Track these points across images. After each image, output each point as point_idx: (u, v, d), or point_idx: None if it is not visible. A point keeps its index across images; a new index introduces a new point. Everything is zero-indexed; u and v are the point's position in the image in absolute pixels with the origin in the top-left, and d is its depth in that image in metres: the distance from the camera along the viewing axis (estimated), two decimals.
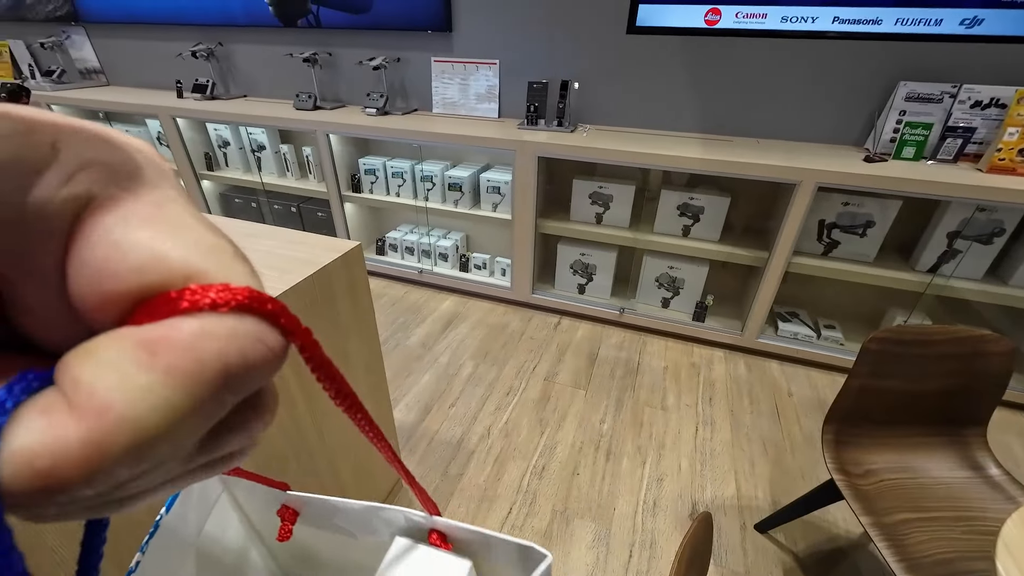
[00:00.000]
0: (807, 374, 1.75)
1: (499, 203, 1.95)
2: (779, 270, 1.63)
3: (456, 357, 1.80)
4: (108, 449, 0.07)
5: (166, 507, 0.33)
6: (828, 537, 1.20)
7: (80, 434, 0.07)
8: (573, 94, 1.86)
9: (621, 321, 1.97)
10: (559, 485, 1.32)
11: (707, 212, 1.72)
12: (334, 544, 0.34)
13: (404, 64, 2.10)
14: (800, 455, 1.43)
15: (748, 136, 1.77)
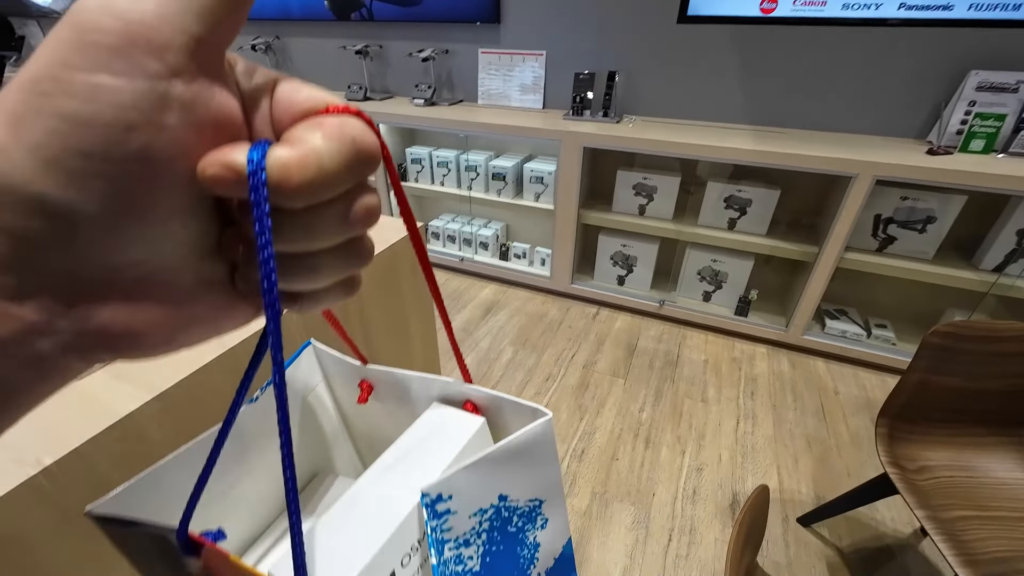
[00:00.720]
0: (855, 374, 1.71)
1: (542, 193, 1.98)
2: (829, 266, 1.59)
3: (496, 343, 1.84)
4: (313, 163, 0.13)
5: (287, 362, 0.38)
6: (875, 535, 1.18)
7: (302, 153, 0.13)
8: (620, 85, 1.86)
9: (660, 313, 1.97)
10: (598, 468, 1.34)
11: (755, 205, 1.69)
12: (397, 418, 0.39)
13: (452, 56, 2.15)
14: (847, 454, 1.40)
15: (801, 128, 1.73)
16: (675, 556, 1.13)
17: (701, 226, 1.80)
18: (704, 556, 1.13)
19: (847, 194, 1.45)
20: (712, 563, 1.12)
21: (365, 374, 0.39)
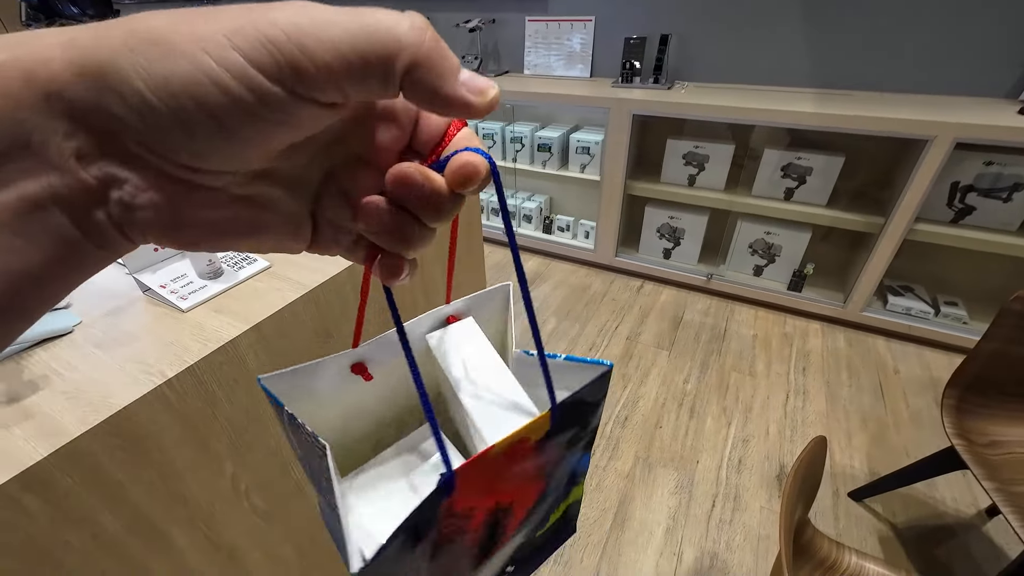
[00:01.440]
0: (919, 353, 1.62)
1: (587, 164, 1.95)
2: (896, 238, 1.50)
3: (539, 313, 1.87)
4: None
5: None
6: (934, 513, 1.14)
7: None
8: (672, 49, 1.80)
9: (708, 287, 1.93)
10: (641, 434, 1.36)
11: (815, 173, 1.60)
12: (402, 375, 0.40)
13: (499, 25, 2.13)
14: (906, 433, 1.34)
15: (871, 90, 1.61)
16: (719, 520, 1.14)
17: (755, 197, 1.73)
18: (749, 522, 1.13)
19: (921, 159, 1.36)
20: (757, 529, 1.12)
21: (354, 358, 0.36)
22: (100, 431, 0.44)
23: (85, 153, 0.12)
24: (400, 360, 0.35)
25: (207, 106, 0.12)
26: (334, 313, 0.66)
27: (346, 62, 0.12)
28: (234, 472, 0.58)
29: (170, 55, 0.11)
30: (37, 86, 0.11)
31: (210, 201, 0.14)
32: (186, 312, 0.58)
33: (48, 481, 0.41)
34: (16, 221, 0.12)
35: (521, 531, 0.39)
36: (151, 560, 0.51)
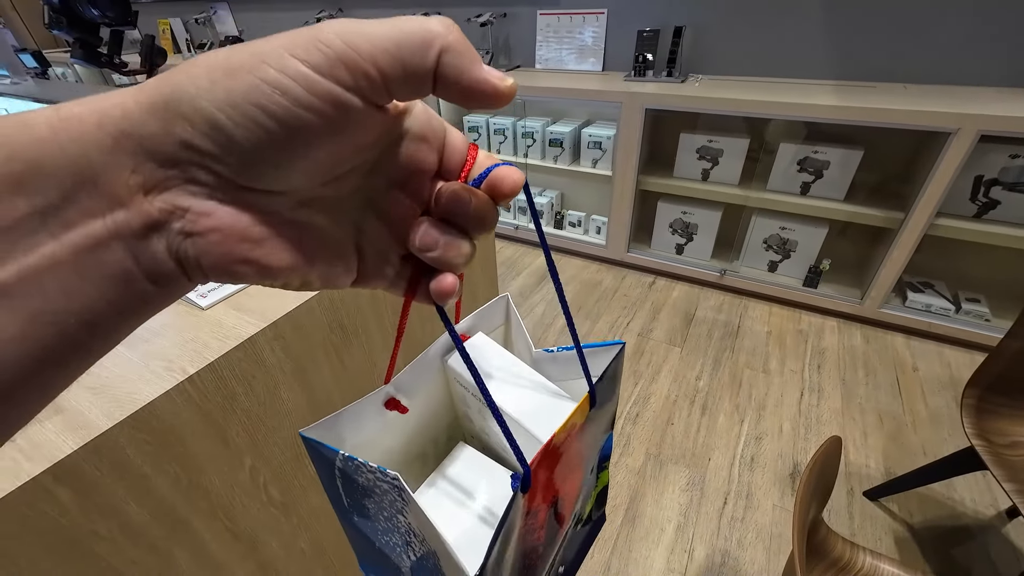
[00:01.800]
0: (939, 350, 1.58)
1: (599, 159, 1.94)
2: (916, 234, 1.47)
3: (551, 309, 1.87)
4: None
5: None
6: (951, 514, 1.12)
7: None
8: (686, 42, 1.77)
9: (721, 283, 1.91)
10: (653, 431, 1.36)
11: (833, 167, 1.57)
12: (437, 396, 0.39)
13: (510, 19, 2.12)
14: (924, 432, 1.32)
15: (892, 81, 1.57)
16: (730, 518, 1.14)
17: (770, 191, 1.70)
18: (761, 520, 1.13)
19: (943, 152, 1.32)
20: (770, 527, 1.11)
21: (386, 394, 0.35)
22: (126, 425, 0.45)
23: (151, 186, 0.13)
24: (427, 388, 0.36)
25: (268, 110, 0.12)
26: (348, 308, 0.67)
27: (390, 54, 0.13)
28: (252, 465, 0.60)
29: (233, 73, 0.12)
30: (109, 127, 0.12)
31: (264, 222, 0.15)
32: (206, 310, 0.59)
33: (78, 473, 0.43)
34: (77, 261, 0.12)
35: (569, 526, 0.40)
36: (175, 549, 0.53)
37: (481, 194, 0.18)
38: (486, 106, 0.15)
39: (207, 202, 0.14)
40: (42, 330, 0.12)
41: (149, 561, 0.51)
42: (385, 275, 0.19)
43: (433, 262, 0.18)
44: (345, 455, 0.27)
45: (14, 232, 0.11)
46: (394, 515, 0.30)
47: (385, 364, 0.77)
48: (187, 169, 0.13)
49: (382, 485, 0.28)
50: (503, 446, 0.37)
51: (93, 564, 0.46)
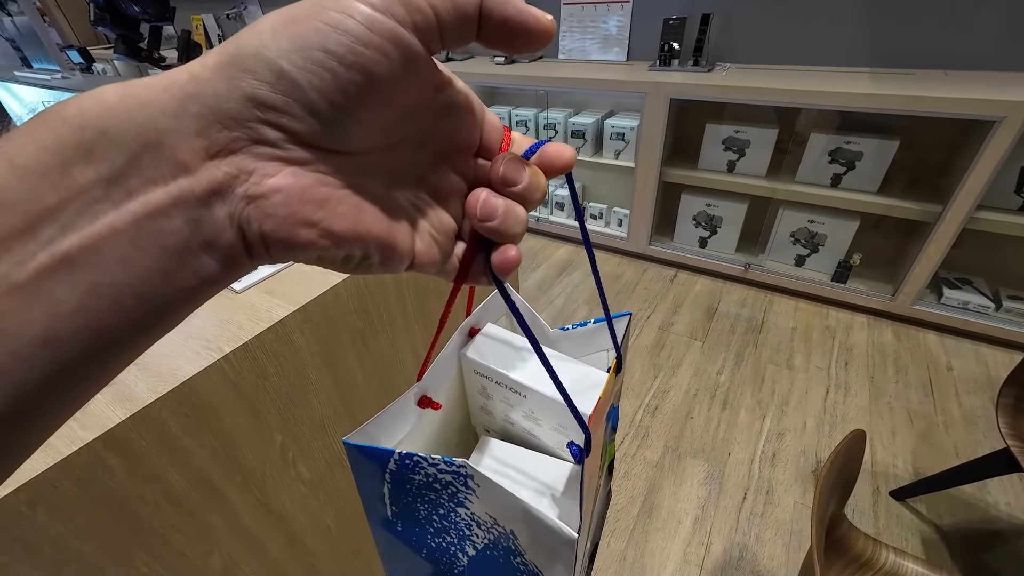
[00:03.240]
0: (976, 349, 1.52)
1: (622, 150, 1.92)
2: (954, 227, 1.41)
3: (570, 301, 1.87)
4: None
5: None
6: (984, 517, 1.09)
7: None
8: (714, 29, 1.73)
9: (745, 278, 1.87)
10: (672, 425, 1.35)
11: (866, 158, 1.52)
12: (451, 390, 0.40)
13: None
14: (956, 432, 1.28)
15: (933, 67, 1.50)
16: (749, 513, 1.13)
17: (799, 183, 1.65)
18: (781, 517, 1.12)
19: (987, 142, 1.26)
20: (790, 524, 1.10)
21: (419, 392, 0.36)
22: (169, 399, 0.48)
23: (217, 150, 0.13)
24: (447, 383, 0.37)
25: (331, 51, 0.13)
26: (373, 294, 0.69)
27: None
28: (282, 442, 0.63)
29: (296, 21, 0.13)
30: (176, 91, 0.12)
31: (326, 183, 0.15)
32: (240, 293, 0.62)
33: (126, 441, 0.46)
34: (136, 230, 0.12)
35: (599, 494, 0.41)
36: (211, 517, 0.56)
37: (534, 166, 0.19)
38: (525, 42, 0.15)
39: (271, 163, 0.14)
40: (99, 303, 0.12)
41: (188, 526, 0.54)
42: (437, 257, 0.19)
43: (492, 232, 0.18)
44: (402, 452, 0.28)
45: (80, 200, 0.11)
46: (453, 510, 0.30)
47: (407, 350, 0.79)
48: (252, 128, 0.13)
49: (444, 477, 0.28)
50: (529, 431, 0.38)
51: (137, 525, 0.49)
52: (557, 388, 0.25)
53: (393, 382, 0.78)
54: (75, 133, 0.12)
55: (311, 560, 0.75)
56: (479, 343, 0.37)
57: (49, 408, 0.12)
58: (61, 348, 0.11)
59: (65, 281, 0.11)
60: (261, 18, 0.13)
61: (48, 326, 0.11)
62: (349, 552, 0.82)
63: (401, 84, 0.14)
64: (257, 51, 0.13)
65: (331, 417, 0.69)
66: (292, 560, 0.71)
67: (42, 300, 0.11)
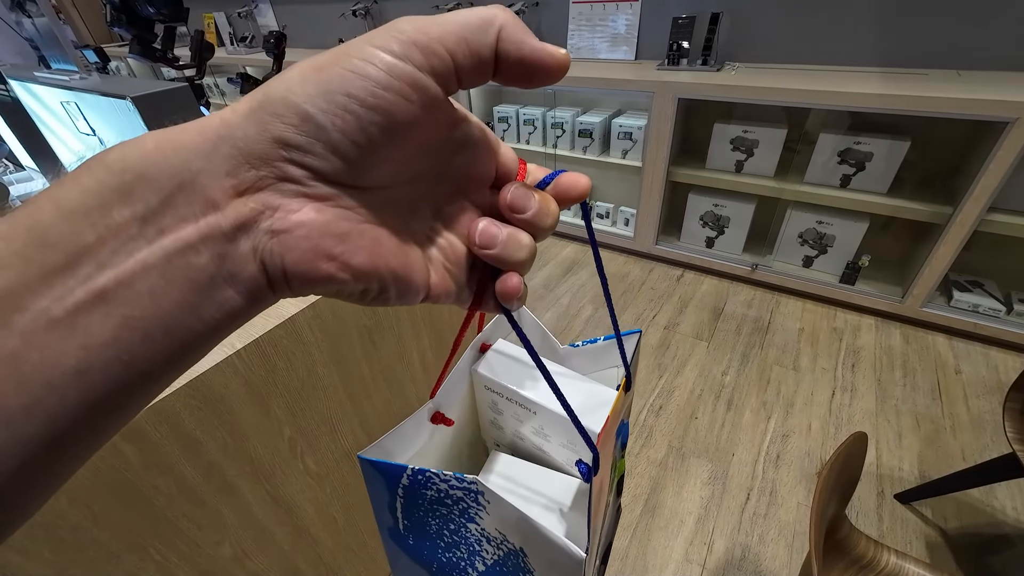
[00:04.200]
0: (985, 353, 1.51)
1: (629, 150, 1.92)
2: (965, 229, 1.39)
3: (576, 300, 1.88)
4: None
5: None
6: (990, 522, 1.08)
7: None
8: (723, 28, 1.72)
9: (752, 278, 1.87)
10: (676, 424, 1.35)
11: (876, 159, 1.51)
12: (469, 405, 0.41)
13: (542, 8, 2.11)
14: (964, 436, 1.27)
15: (946, 67, 1.49)
16: (752, 514, 1.13)
17: (807, 184, 1.64)
18: (785, 518, 1.12)
19: (999, 143, 1.25)
20: (793, 525, 1.10)
21: (432, 408, 0.37)
22: (183, 393, 0.50)
23: (244, 188, 0.14)
24: (459, 399, 0.38)
25: (354, 95, 0.14)
26: None
27: (455, 35, 0.15)
28: (291, 436, 0.64)
29: (322, 69, 0.14)
30: (209, 135, 0.13)
31: (347, 218, 0.15)
32: None
33: (141, 433, 0.48)
34: (166, 265, 0.13)
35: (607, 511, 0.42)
36: (222, 507, 0.58)
37: (545, 193, 0.19)
38: (543, 78, 0.16)
39: (295, 199, 0.14)
40: (130, 336, 0.12)
41: (199, 516, 0.56)
42: (451, 288, 0.19)
43: (494, 260, 0.19)
44: (415, 468, 0.28)
45: (117, 239, 0.12)
46: (463, 525, 0.31)
47: (413, 348, 0.81)
48: (278, 166, 0.14)
49: (455, 493, 0.29)
50: (538, 447, 0.38)
51: (151, 514, 0.51)
52: (565, 410, 0.26)
53: (399, 379, 0.80)
54: (116, 177, 0.12)
55: (318, 551, 0.76)
56: (490, 359, 0.38)
57: (80, 438, 0.13)
58: (93, 379, 0.12)
59: (99, 315, 0.12)
60: (291, 66, 0.14)
61: (82, 358, 0.12)
62: (355, 544, 0.84)
63: (420, 124, 0.15)
64: (284, 96, 0.14)
65: (338, 413, 0.70)
66: (299, 551, 0.73)
67: (77, 333, 0.12)
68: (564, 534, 0.27)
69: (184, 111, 0.66)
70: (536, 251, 0.19)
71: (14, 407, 0.11)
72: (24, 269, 0.11)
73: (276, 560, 0.69)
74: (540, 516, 0.28)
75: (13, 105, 0.79)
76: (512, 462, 0.38)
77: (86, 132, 0.78)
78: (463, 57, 0.15)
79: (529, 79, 0.16)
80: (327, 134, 0.14)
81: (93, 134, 0.77)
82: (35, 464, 0.12)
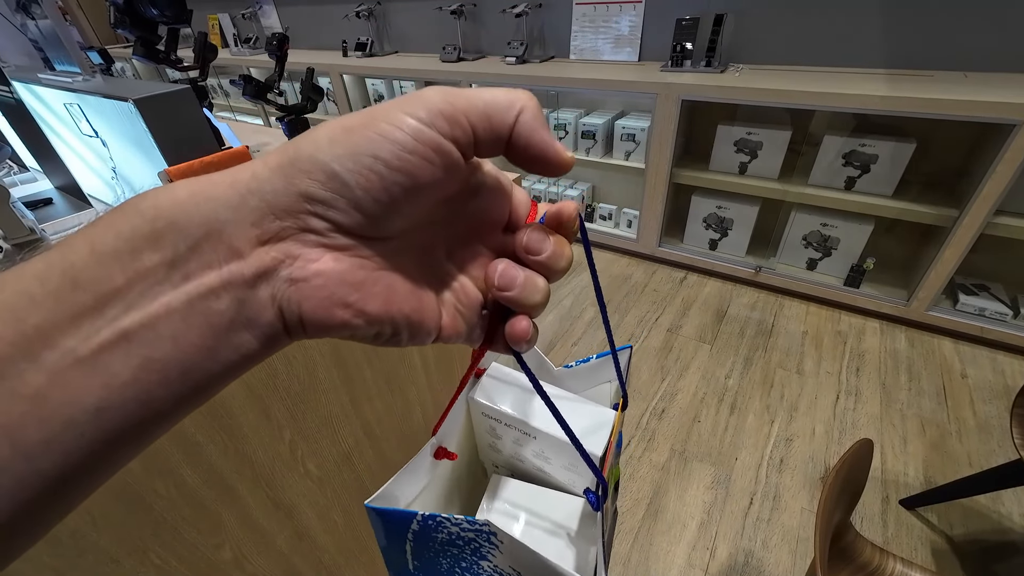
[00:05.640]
0: (992, 357, 1.49)
1: (632, 151, 1.91)
2: (971, 232, 1.38)
3: (578, 302, 1.87)
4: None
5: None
6: (997, 528, 1.07)
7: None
8: (727, 29, 1.71)
9: (756, 280, 1.86)
10: (679, 428, 1.35)
11: (881, 161, 1.50)
12: (467, 430, 0.41)
13: (545, 10, 2.11)
14: (970, 441, 1.26)
15: (952, 69, 1.48)
16: (755, 519, 1.12)
17: (812, 186, 1.64)
18: (788, 523, 1.11)
19: (1006, 146, 1.23)
20: (797, 530, 1.09)
21: (434, 445, 0.37)
22: None
23: (268, 237, 0.14)
24: (459, 426, 0.38)
25: (381, 157, 0.14)
26: None
27: (479, 110, 0.16)
28: (291, 439, 0.64)
29: (351, 131, 0.14)
30: (239, 187, 0.14)
31: (363, 267, 0.16)
32: None
33: None
34: (188, 309, 0.13)
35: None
36: (223, 511, 0.58)
37: (559, 236, 0.19)
38: (546, 170, 0.17)
39: (315, 249, 0.15)
40: (149, 376, 0.13)
41: (199, 520, 0.55)
42: (462, 329, 0.20)
43: (511, 301, 0.19)
44: (424, 515, 0.28)
45: (144, 282, 0.13)
46: (475, 563, 0.30)
47: (416, 351, 0.80)
48: (301, 218, 0.14)
49: (467, 535, 0.28)
50: (539, 468, 0.38)
51: (151, 518, 0.51)
52: (573, 443, 0.26)
53: (401, 381, 0.79)
54: (148, 223, 0.13)
55: (318, 555, 0.76)
56: (486, 385, 0.38)
57: (93, 471, 0.13)
58: (111, 417, 0.12)
59: (122, 355, 0.12)
60: (320, 125, 0.15)
61: (102, 397, 0.12)
62: (356, 548, 0.84)
63: (440, 183, 0.16)
64: (312, 155, 0.14)
65: (339, 415, 0.70)
66: (299, 554, 0.72)
67: (100, 372, 0.12)
68: (574, 559, 0.26)
69: (187, 113, 0.66)
70: (550, 295, 0.19)
71: (35, 442, 0.11)
72: (56, 308, 0.12)
73: (276, 564, 0.69)
74: (551, 548, 0.27)
75: (16, 107, 0.79)
76: (515, 486, 0.38)
77: (88, 134, 0.78)
78: (483, 131, 0.16)
79: (532, 166, 0.17)
80: (351, 191, 0.14)
81: (96, 136, 0.77)
82: (49, 495, 0.12)
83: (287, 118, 0.83)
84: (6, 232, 0.51)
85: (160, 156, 0.63)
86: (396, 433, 0.82)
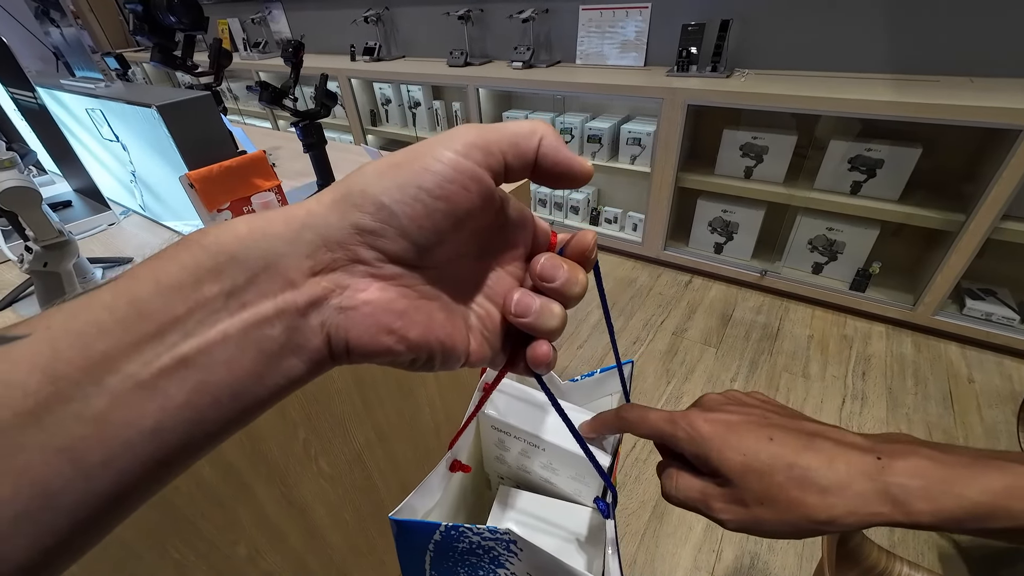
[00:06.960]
0: (998, 362, 1.49)
1: (638, 155, 1.92)
2: (978, 237, 1.38)
3: (584, 304, 1.88)
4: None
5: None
6: None
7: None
8: (733, 34, 1.72)
9: (761, 284, 1.86)
10: None
11: (888, 166, 1.50)
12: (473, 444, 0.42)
13: (551, 15, 2.12)
14: (977, 446, 1.25)
15: (959, 74, 1.48)
16: None
17: (817, 190, 1.64)
18: None
19: (1013, 151, 1.24)
20: None
21: (450, 458, 0.38)
22: None
23: (320, 268, 0.15)
24: (469, 440, 0.39)
25: (424, 187, 0.16)
26: None
27: (507, 140, 0.17)
28: (305, 438, 0.65)
29: (398, 166, 0.16)
30: (294, 224, 0.15)
31: (406, 296, 0.17)
32: None
33: None
34: (242, 335, 0.14)
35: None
36: (239, 507, 0.59)
37: (572, 263, 0.21)
38: (571, 183, 0.19)
39: (364, 279, 0.16)
40: (202, 399, 0.13)
41: (217, 516, 0.57)
42: (488, 354, 0.21)
43: (527, 328, 0.20)
44: (447, 525, 0.29)
45: (203, 310, 0.14)
46: (493, 571, 0.32)
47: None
48: (352, 249, 0.16)
49: (487, 544, 0.29)
50: (546, 479, 0.39)
51: (172, 514, 0.52)
52: (589, 459, 0.27)
53: (411, 384, 0.80)
54: (211, 257, 0.14)
55: (329, 553, 0.77)
56: (495, 399, 0.39)
57: (144, 490, 0.14)
58: (165, 439, 0.13)
59: (178, 379, 0.13)
60: (368, 163, 0.17)
61: (159, 419, 0.13)
62: (365, 547, 0.85)
63: (476, 212, 0.17)
64: (363, 190, 0.16)
65: (351, 415, 0.71)
66: (311, 552, 0.73)
67: (158, 396, 0.13)
68: (589, 566, 0.27)
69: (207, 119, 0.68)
70: (567, 320, 0.21)
71: (95, 463, 0.12)
72: (122, 336, 0.13)
73: (288, 560, 0.70)
74: (565, 556, 0.28)
75: (39, 112, 0.81)
76: (524, 497, 0.39)
77: (109, 138, 0.80)
78: (512, 157, 0.17)
79: (558, 180, 0.19)
80: (399, 220, 0.16)
81: (116, 140, 0.79)
82: (103, 513, 0.13)
83: (301, 123, 0.85)
84: (37, 235, 0.52)
85: (180, 161, 0.65)
86: (405, 434, 0.83)
